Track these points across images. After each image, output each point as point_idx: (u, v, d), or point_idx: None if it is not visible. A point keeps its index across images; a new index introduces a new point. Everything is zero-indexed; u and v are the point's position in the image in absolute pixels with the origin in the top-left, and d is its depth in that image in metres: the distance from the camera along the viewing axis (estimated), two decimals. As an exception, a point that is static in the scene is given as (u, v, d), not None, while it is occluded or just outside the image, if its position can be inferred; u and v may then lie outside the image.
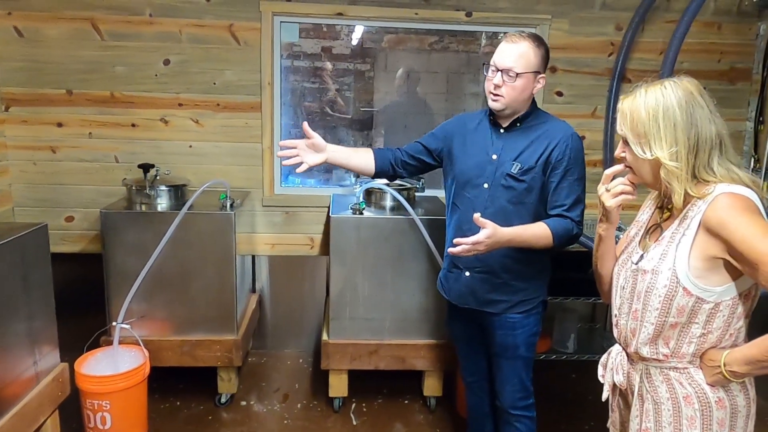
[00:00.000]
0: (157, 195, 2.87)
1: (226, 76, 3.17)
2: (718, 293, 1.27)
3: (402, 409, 3.03)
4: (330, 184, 3.58)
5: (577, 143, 1.99)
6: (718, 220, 1.23)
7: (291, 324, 3.57)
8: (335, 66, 3.49)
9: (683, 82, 1.31)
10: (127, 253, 2.75)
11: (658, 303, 1.32)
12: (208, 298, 2.83)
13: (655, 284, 1.32)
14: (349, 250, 2.81)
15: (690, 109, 1.27)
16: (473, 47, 3.54)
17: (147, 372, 2.63)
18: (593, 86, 3.34)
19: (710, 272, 1.27)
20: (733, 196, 1.24)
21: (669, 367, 1.36)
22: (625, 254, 1.47)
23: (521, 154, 1.98)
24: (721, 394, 1.33)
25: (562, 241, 1.94)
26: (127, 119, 3.17)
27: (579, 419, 2.97)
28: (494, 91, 1.94)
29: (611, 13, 3.26)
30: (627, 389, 1.47)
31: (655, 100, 1.28)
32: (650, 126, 1.28)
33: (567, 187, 1.96)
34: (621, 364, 1.47)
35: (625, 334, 1.43)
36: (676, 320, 1.31)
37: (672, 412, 1.35)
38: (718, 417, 1.33)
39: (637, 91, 1.32)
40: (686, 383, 1.34)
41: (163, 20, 3.07)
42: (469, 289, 2.09)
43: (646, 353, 1.38)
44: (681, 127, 1.26)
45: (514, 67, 1.90)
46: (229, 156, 3.26)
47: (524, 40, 1.92)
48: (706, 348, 1.33)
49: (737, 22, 3.31)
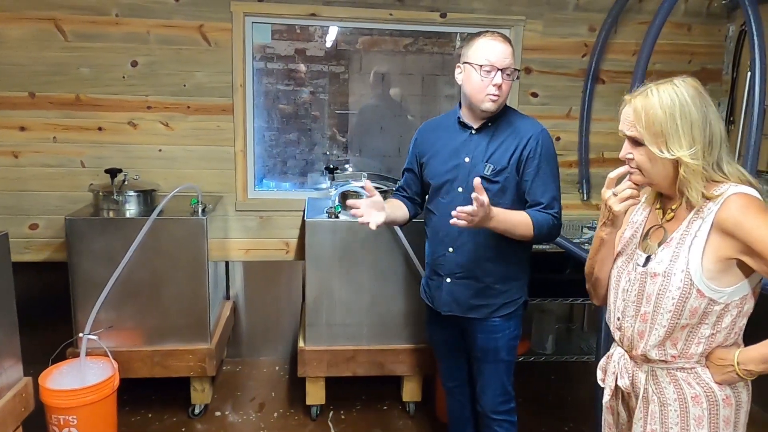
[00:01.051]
0: (125, 201, 2.78)
1: (196, 77, 3.09)
2: (728, 294, 1.28)
3: (381, 415, 2.99)
4: (305, 187, 3.52)
5: (547, 140, 1.97)
6: (734, 220, 1.22)
7: (267, 331, 3.49)
8: (309, 68, 3.43)
9: (689, 80, 1.30)
10: (94, 261, 2.65)
11: (672, 305, 1.31)
12: (180, 306, 2.75)
13: (667, 287, 1.31)
14: (325, 255, 2.76)
15: (704, 108, 1.26)
16: (448, 49, 3.52)
17: (116, 384, 2.54)
18: (568, 87, 3.35)
19: (723, 273, 1.27)
20: (746, 196, 1.25)
21: (676, 368, 1.36)
22: (625, 256, 1.45)
23: (493, 155, 1.96)
24: (728, 391, 1.34)
25: (543, 231, 1.92)
26: (93, 122, 3.07)
27: (559, 420, 2.97)
28: (495, 91, 1.89)
29: (584, 14, 3.28)
30: (630, 392, 1.45)
31: (670, 98, 1.26)
32: (668, 125, 1.26)
33: (542, 184, 1.94)
34: (625, 367, 1.44)
35: (631, 336, 1.41)
36: (687, 322, 1.31)
37: (679, 413, 1.35)
38: (724, 415, 1.34)
39: (647, 90, 1.30)
40: (694, 383, 1.35)
41: (130, 20, 2.99)
42: (452, 296, 2.07)
43: (654, 355, 1.37)
44: (697, 125, 1.25)
45: (512, 65, 1.91)
46: (200, 160, 3.18)
47: (507, 40, 1.93)
48: (713, 347, 1.33)
49: (707, 23, 3.36)
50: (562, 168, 2.02)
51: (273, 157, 3.49)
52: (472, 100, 1.95)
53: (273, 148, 3.47)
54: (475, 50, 1.90)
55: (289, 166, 3.54)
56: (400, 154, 3.60)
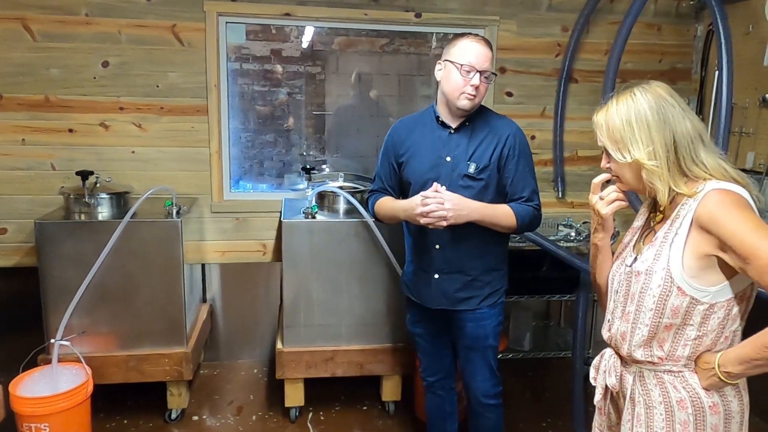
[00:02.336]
0: (97, 203, 2.73)
1: (169, 78, 3.05)
2: (712, 293, 1.27)
3: (361, 415, 2.98)
4: (282, 188, 3.50)
5: (523, 137, 2.08)
6: (709, 215, 1.23)
7: (244, 333, 3.46)
8: (285, 68, 3.42)
9: (652, 86, 1.34)
10: (66, 265, 2.60)
11: (653, 303, 1.31)
12: (155, 310, 2.71)
13: (649, 285, 1.32)
14: (302, 256, 2.74)
15: (661, 110, 1.30)
16: (424, 49, 3.53)
17: (90, 390, 2.49)
18: (542, 86, 3.38)
19: (704, 271, 1.26)
20: (723, 192, 1.25)
21: (663, 371, 1.35)
22: (620, 259, 1.47)
23: (474, 153, 2.02)
24: (715, 398, 1.31)
25: (525, 222, 2.02)
26: (63, 124, 3.01)
27: (537, 416, 3.00)
28: (472, 92, 1.96)
29: (557, 14, 3.32)
30: (619, 393, 1.46)
31: (626, 106, 1.32)
32: (625, 131, 1.32)
33: (521, 179, 2.04)
34: (614, 366, 1.45)
35: (616, 337, 1.42)
36: (670, 321, 1.30)
37: (664, 417, 1.34)
38: (711, 422, 1.31)
39: (609, 103, 1.36)
40: (680, 387, 1.33)
41: (101, 20, 2.94)
42: (440, 291, 2.11)
43: (640, 356, 1.36)
44: (654, 127, 1.29)
45: (489, 68, 1.97)
46: (174, 161, 3.14)
47: (486, 42, 1.98)
48: (702, 351, 1.31)
49: (676, 24, 3.43)
50: (537, 166, 2.11)
51: (249, 159, 3.46)
52: (449, 97, 2.00)
53: (249, 149, 3.44)
54: (458, 50, 1.96)
55: (266, 167, 3.51)
56: (377, 155, 3.59)
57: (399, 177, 2.18)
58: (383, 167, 2.22)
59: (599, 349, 1.53)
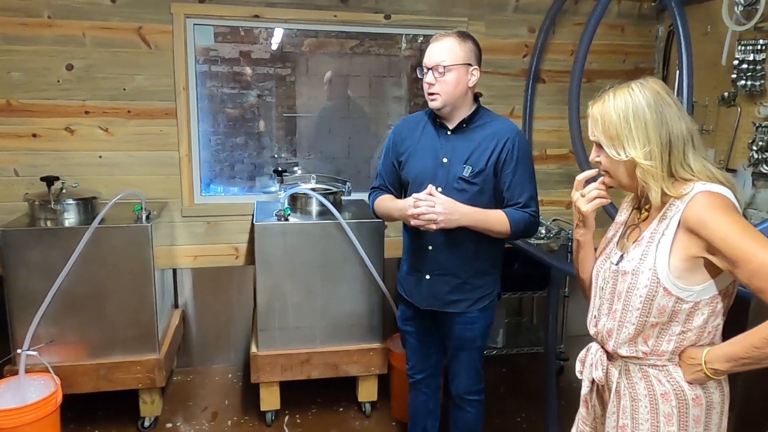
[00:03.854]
0: (63, 210, 2.67)
1: (136, 81, 3.01)
2: (697, 292, 1.29)
3: (337, 417, 2.98)
4: (254, 191, 3.47)
5: (523, 141, 2.04)
6: (698, 218, 1.24)
7: (218, 338, 3.43)
8: (255, 71, 3.39)
9: (649, 82, 1.33)
10: (32, 273, 2.53)
11: (639, 303, 1.33)
12: (126, 316, 2.66)
13: (636, 285, 1.33)
14: (275, 258, 2.73)
15: (659, 108, 1.29)
16: (394, 50, 3.55)
17: (59, 401, 2.44)
18: (510, 87, 3.43)
19: (690, 272, 1.28)
20: (711, 194, 1.26)
21: (648, 365, 1.37)
22: (604, 255, 1.49)
23: (471, 156, 2.00)
24: (698, 391, 1.34)
25: (519, 228, 1.99)
26: (27, 129, 2.93)
27: (511, 412, 3.04)
28: (429, 90, 1.97)
29: (524, 15, 3.37)
30: (604, 386, 1.48)
31: (624, 102, 1.30)
32: (622, 127, 1.30)
33: (519, 185, 2.00)
34: (600, 360, 1.46)
35: (602, 333, 1.44)
36: (656, 320, 1.32)
37: (649, 409, 1.36)
38: (694, 414, 1.34)
39: (605, 96, 1.35)
40: (665, 380, 1.35)
41: (64, 22, 2.87)
42: (431, 291, 2.12)
43: (625, 352, 1.38)
44: (652, 126, 1.29)
45: (441, 61, 1.93)
46: (143, 165, 3.09)
47: (449, 36, 1.96)
48: (685, 346, 1.34)
49: (639, 24, 3.52)
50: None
51: (220, 162, 3.43)
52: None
53: (220, 152, 3.41)
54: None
55: (237, 170, 3.48)
56: (350, 156, 3.61)
57: (399, 175, 2.18)
58: (385, 165, 2.22)
59: (571, 344, 1.57)
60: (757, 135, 2.77)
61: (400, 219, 2.10)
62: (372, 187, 2.30)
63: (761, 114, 2.73)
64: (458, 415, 2.28)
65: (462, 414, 2.27)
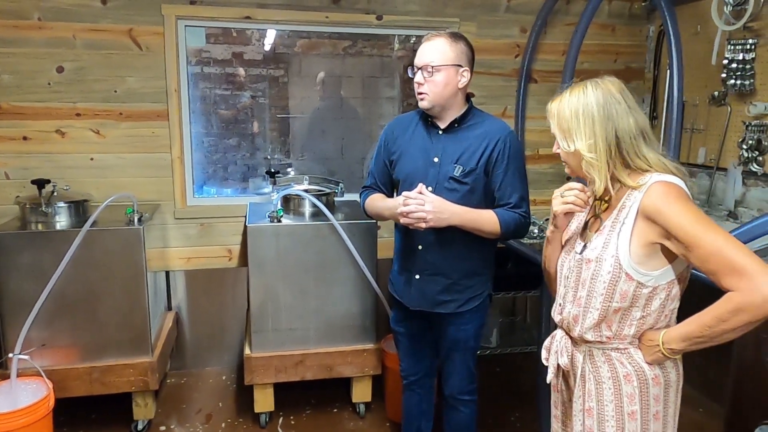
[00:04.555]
0: (55, 213, 2.66)
1: (128, 83, 3.00)
2: (655, 277, 1.37)
3: (331, 418, 2.98)
4: (247, 192, 3.47)
5: (515, 141, 2.04)
6: (655, 207, 1.33)
7: (211, 340, 3.42)
8: (248, 72, 3.39)
9: (605, 81, 1.43)
10: (23, 277, 2.52)
11: (603, 289, 1.41)
12: (118, 319, 2.65)
13: (599, 272, 1.41)
14: (268, 260, 2.73)
15: (607, 106, 1.39)
16: (387, 51, 3.56)
17: (51, 405, 2.42)
18: (502, 87, 3.44)
19: (649, 257, 1.36)
20: (667, 184, 1.35)
21: (611, 348, 1.45)
22: (568, 246, 1.57)
23: (461, 156, 2.00)
24: (657, 371, 1.43)
25: (510, 229, 1.98)
26: (17, 132, 2.92)
27: (505, 411, 3.04)
28: (418, 89, 1.97)
29: (515, 16, 3.38)
30: (570, 371, 1.55)
31: (577, 99, 1.42)
32: (572, 122, 1.42)
33: (510, 185, 2.00)
34: (565, 347, 1.54)
35: (568, 320, 1.51)
36: (619, 305, 1.40)
37: (613, 391, 1.44)
38: (654, 393, 1.43)
39: (563, 94, 1.46)
40: (626, 362, 1.44)
41: (55, 24, 2.86)
42: (420, 292, 2.12)
43: (590, 337, 1.46)
44: (598, 121, 1.39)
45: (430, 62, 1.93)
46: (135, 168, 3.08)
47: (440, 36, 1.96)
48: (645, 329, 1.43)
49: (629, 24, 3.54)
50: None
51: (213, 163, 3.42)
52: None
53: (213, 154, 3.41)
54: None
55: (230, 171, 3.48)
56: (343, 157, 3.61)
57: (390, 175, 2.18)
58: (377, 164, 2.22)
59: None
60: (747, 134, 2.79)
61: (390, 218, 2.10)
62: (363, 186, 2.30)
63: (751, 113, 2.75)
64: (452, 415, 2.28)
65: (455, 414, 2.27)
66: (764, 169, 2.73)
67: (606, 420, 1.44)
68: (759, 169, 2.74)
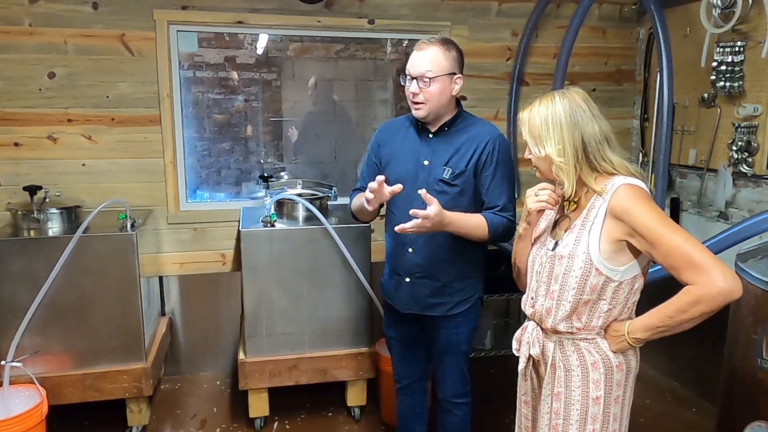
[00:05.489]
0: (47, 219, 2.65)
1: (120, 88, 2.99)
2: (621, 272, 1.49)
3: (327, 422, 2.98)
4: (240, 197, 3.47)
5: (504, 144, 2.05)
6: (622, 207, 1.45)
7: (206, 345, 3.41)
8: (240, 76, 3.39)
9: (570, 92, 1.55)
10: (15, 283, 2.51)
11: (575, 283, 1.51)
12: (112, 325, 2.65)
13: (572, 267, 1.52)
14: (262, 264, 2.73)
15: (573, 113, 1.51)
16: (379, 54, 3.57)
17: (45, 412, 2.42)
18: (494, 90, 3.46)
19: (616, 254, 1.48)
20: (632, 186, 1.47)
21: (580, 339, 1.57)
22: (539, 243, 1.67)
23: (451, 159, 2.02)
24: (620, 359, 1.56)
25: (498, 232, 2.00)
26: (8, 138, 2.91)
27: (499, 413, 3.05)
28: (414, 99, 1.98)
29: (507, 19, 3.40)
30: (540, 360, 1.65)
31: (546, 108, 1.53)
32: (542, 129, 1.52)
33: (497, 188, 2.02)
34: (537, 338, 1.64)
35: (541, 313, 1.61)
36: (589, 297, 1.51)
37: (581, 377, 1.56)
38: (617, 378, 1.56)
39: (533, 104, 1.57)
40: (594, 351, 1.56)
41: (45, 30, 2.86)
42: (411, 295, 2.13)
43: (562, 328, 1.56)
44: (566, 128, 1.50)
45: (426, 72, 1.94)
46: (127, 173, 3.07)
47: (433, 45, 1.96)
48: (610, 321, 1.55)
49: (620, 27, 3.56)
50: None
51: (206, 168, 3.42)
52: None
53: (205, 158, 3.40)
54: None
55: (224, 175, 3.48)
56: (336, 160, 3.61)
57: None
58: (367, 167, 2.23)
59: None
60: (736, 135, 2.81)
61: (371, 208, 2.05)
62: (354, 189, 2.31)
63: (740, 114, 2.77)
64: (446, 418, 2.29)
65: (449, 417, 2.28)
66: (754, 170, 2.76)
67: (572, 404, 1.56)
68: (749, 170, 2.77)
